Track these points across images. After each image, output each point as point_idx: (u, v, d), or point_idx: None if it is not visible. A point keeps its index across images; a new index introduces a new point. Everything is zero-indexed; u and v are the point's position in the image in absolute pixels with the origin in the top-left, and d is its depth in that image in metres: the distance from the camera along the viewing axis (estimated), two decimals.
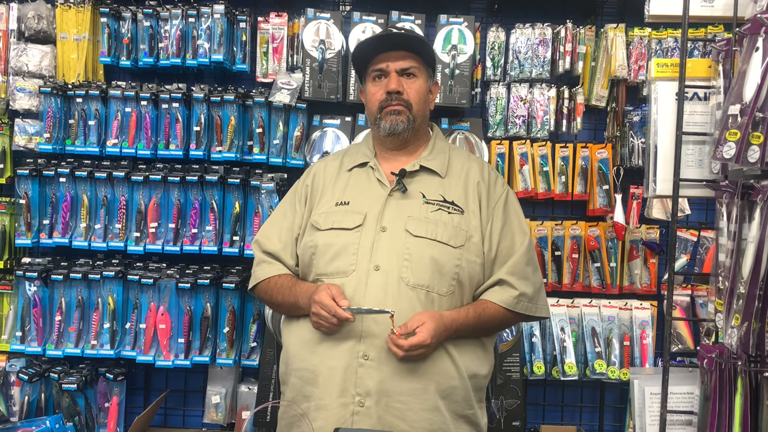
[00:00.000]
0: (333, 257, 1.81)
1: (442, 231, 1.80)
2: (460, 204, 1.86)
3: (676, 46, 2.81)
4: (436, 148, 1.96)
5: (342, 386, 1.73)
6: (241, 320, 2.80)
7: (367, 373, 1.71)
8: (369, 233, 1.80)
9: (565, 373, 2.74)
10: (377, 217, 1.82)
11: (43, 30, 2.90)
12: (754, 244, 1.46)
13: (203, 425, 2.90)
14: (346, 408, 1.72)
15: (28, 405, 2.73)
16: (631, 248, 2.88)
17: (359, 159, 1.97)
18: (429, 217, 1.82)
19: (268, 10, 2.92)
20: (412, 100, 1.89)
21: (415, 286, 1.75)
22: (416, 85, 1.90)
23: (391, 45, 1.90)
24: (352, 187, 1.92)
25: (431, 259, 1.77)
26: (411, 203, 1.85)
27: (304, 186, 1.99)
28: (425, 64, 1.94)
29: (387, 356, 1.71)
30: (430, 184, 1.89)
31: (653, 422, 1.91)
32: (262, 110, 2.81)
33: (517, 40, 2.85)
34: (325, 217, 1.87)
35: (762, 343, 1.47)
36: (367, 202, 1.86)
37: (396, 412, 1.71)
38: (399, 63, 1.89)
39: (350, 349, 1.73)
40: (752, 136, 1.47)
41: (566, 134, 2.89)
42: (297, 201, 1.98)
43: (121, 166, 2.83)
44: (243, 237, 2.80)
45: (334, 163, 2.00)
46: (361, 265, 1.77)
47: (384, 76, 1.90)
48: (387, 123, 1.88)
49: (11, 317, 2.81)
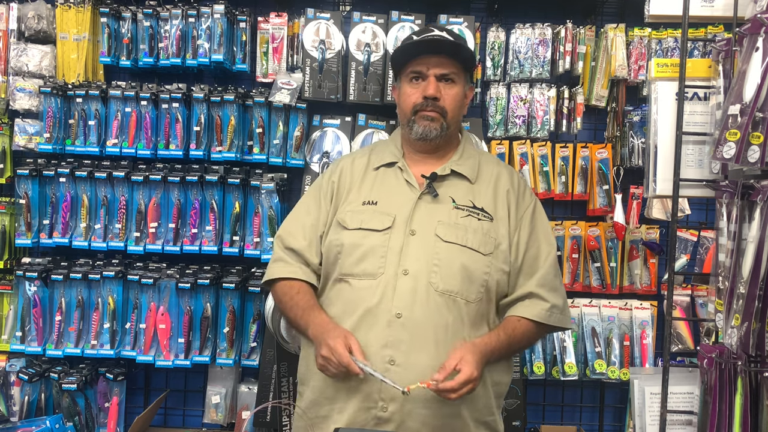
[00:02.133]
0: (360, 258, 1.77)
1: (472, 237, 1.77)
2: (489, 211, 1.83)
3: (676, 46, 2.81)
4: (466, 153, 1.93)
5: (366, 390, 1.70)
6: (241, 320, 2.80)
7: (392, 378, 1.67)
8: (398, 236, 1.77)
9: (565, 373, 2.74)
10: (406, 219, 1.79)
11: (43, 30, 2.90)
12: (754, 244, 1.46)
13: (203, 425, 2.90)
14: (368, 412, 1.69)
15: (28, 405, 2.73)
16: (631, 248, 2.88)
17: (387, 158, 1.92)
18: (459, 222, 1.79)
19: (268, 10, 2.92)
20: (447, 107, 1.84)
21: (443, 292, 1.72)
22: (453, 91, 1.86)
23: (433, 48, 1.85)
24: (379, 186, 1.88)
25: (461, 265, 1.74)
26: (441, 208, 1.81)
27: (330, 183, 1.93)
28: (464, 69, 1.90)
29: (413, 362, 1.68)
30: (460, 189, 1.86)
31: (653, 422, 1.91)
32: (262, 110, 2.81)
33: (517, 40, 2.85)
34: (352, 215, 1.83)
35: (762, 343, 1.47)
36: (396, 203, 1.82)
37: (419, 418, 1.68)
38: (439, 69, 1.84)
39: (377, 353, 1.69)
40: (752, 136, 1.47)
41: (566, 134, 2.89)
42: (322, 197, 1.92)
43: (121, 166, 2.83)
44: (243, 237, 2.80)
45: (361, 161, 1.95)
46: (389, 269, 1.74)
47: (422, 78, 1.85)
48: (420, 127, 1.84)
49: (11, 317, 2.81)
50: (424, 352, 1.69)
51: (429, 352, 1.69)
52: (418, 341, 1.69)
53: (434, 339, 1.70)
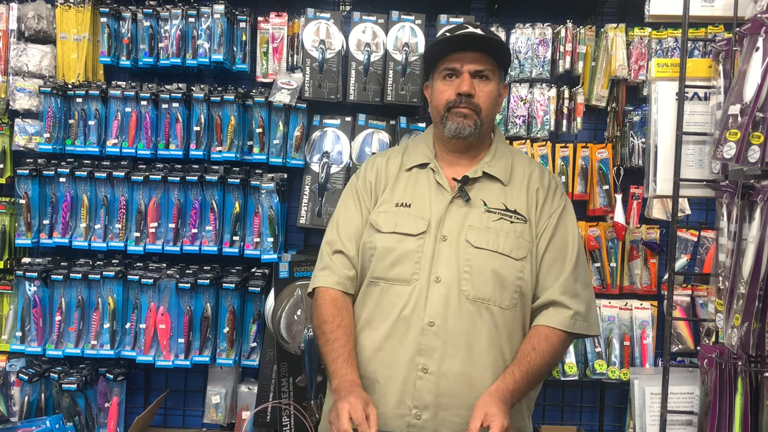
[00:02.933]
0: (394, 263, 1.74)
1: (504, 242, 1.73)
2: (522, 213, 1.79)
3: (676, 46, 2.81)
4: (498, 153, 1.88)
5: (399, 397, 1.69)
6: (241, 320, 2.80)
7: (425, 386, 1.67)
8: (430, 242, 1.74)
9: (565, 373, 2.74)
10: (438, 224, 1.76)
11: (43, 30, 2.90)
12: (754, 244, 1.46)
13: (203, 425, 2.90)
14: (402, 419, 1.68)
15: (28, 405, 2.73)
16: (632, 248, 2.88)
17: (419, 159, 1.88)
18: (490, 226, 1.75)
19: (268, 10, 2.92)
20: (482, 105, 1.80)
21: (475, 300, 1.70)
22: (488, 88, 1.82)
23: (468, 44, 1.80)
24: (412, 188, 1.84)
25: (492, 271, 1.71)
26: (472, 212, 1.77)
27: (368, 182, 1.89)
28: (499, 66, 1.86)
29: (446, 370, 1.67)
30: (492, 191, 1.81)
31: (653, 422, 1.91)
32: (262, 110, 2.81)
33: (517, 40, 2.85)
34: (386, 217, 1.80)
35: (762, 343, 1.47)
36: (429, 207, 1.79)
37: (452, 426, 1.67)
38: (473, 65, 1.80)
39: (410, 360, 1.68)
40: (752, 136, 1.47)
41: (566, 134, 2.89)
42: (364, 195, 1.88)
43: (121, 166, 2.83)
44: (243, 237, 2.79)
45: (395, 161, 1.91)
46: (422, 275, 1.71)
47: (456, 75, 1.81)
48: (453, 124, 1.79)
49: (11, 317, 2.81)
50: (456, 360, 1.68)
51: (462, 360, 1.68)
52: (451, 349, 1.68)
53: (467, 347, 1.68)
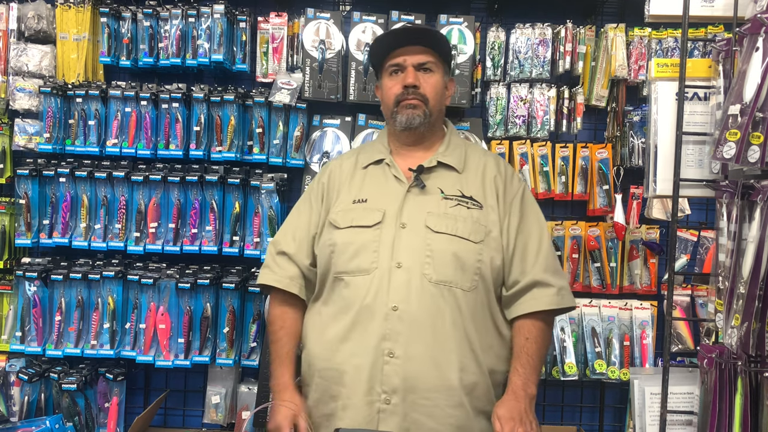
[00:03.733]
0: (353, 255, 1.80)
1: (462, 226, 1.79)
2: (478, 199, 1.85)
3: (676, 46, 2.81)
4: (452, 144, 1.96)
5: (368, 384, 1.72)
6: (241, 320, 2.80)
7: (393, 370, 1.71)
8: (389, 230, 1.79)
9: (565, 373, 2.74)
10: (396, 213, 1.81)
11: (43, 30, 2.90)
12: (754, 244, 1.46)
13: (203, 425, 2.90)
14: (372, 406, 1.72)
15: (28, 405, 2.73)
16: (631, 248, 2.88)
17: (375, 156, 1.96)
18: (448, 212, 1.81)
19: (268, 10, 2.92)
20: (428, 95, 1.88)
21: (438, 283, 1.75)
22: (433, 79, 1.90)
23: (408, 39, 1.89)
24: (368, 184, 1.91)
25: (453, 254, 1.76)
26: (430, 199, 1.84)
27: (320, 184, 1.98)
28: (442, 59, 1.94)
29: (412, 353, 1.71)
30: (448, 179, 1.88)
31: (653, 422, 1.91)
32: (262, 110, 2.81)
33: (517, 40, 2.85)
34: (343, 215, 1.86)
35: (762, 343, 1.47)
36: (386, 199, 1.85)
37: (422, 409, 1.71)
38: (416, 57, 1.88)
39: (375, 346, 1.72)
40: (752, 136, 1.47)
41: (566, 134, 2.89)
42: (313, 199, 1.97)
43: (121, 166, 2.83)
44: (243, 237, 2.79)
45: (349, 161, 1.99)
46: (382, 263, 1.76)
47: (401, 70, 1.89)
48: (403, 116, 1.87)
49: (11, 317, 2.81)
50: (421, 343, 1.72)
51: (427, 343, 1.72)
52: (416, 332, 1.72)
53: (432, 330, 1.73)
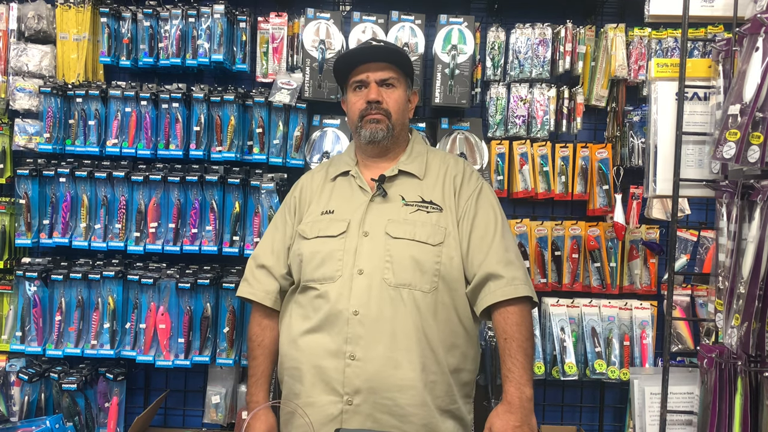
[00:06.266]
0: (319, 264, 1.88)
1: (421, 230, 1.86)
2: (438, 202, 1.92)
3: (676, 46, 2.81)
4: (414, 152, 2.03)
5: (329, 386, 1.79)
6: (241, 320, 2.80)
7: (353, 372, 1.77)
8: (352, 239, 1.87)
9: (565, 373, 2.74)
10: (359, 222, 1.89)
11: (43, 30, 2.90)
12: (754, 244, 1.46)
13: (203, 425, 2.90)
14: (334, 406, 1.78)
15: (28, 405, 2.73)
16: (631, 248, 2.88)
17: (342, 168, 2.05)
18: (408, 218, 1.88)
19: (268, 10, 2.92)
20: (391, 109, 1.96)
21: (397, 286, 1.80)
22: (395, 95, 1.99)
23: (370, 56, 1.97)
24: (336, 196, 2.00)
25: (411, 258, 1.83)
26: (391, 207, 1.91)
27: (293, 198, 2.08)
28: (404, 74, 2.03)
29: (372, 355, 1.77)
30: (409, 186, 1.96)
31: (653, 422, 1.91)
32: (262, 110, 2.81)
33: (517, 40, 2.85)
34: (311, 226, 1.95)
35: (762, 343, 1.47)
36: (351, 209, 1.93)
37: (384, 409, 1.76)
38: (378, 74, 1.97)
39: (338, 350, 1.79)
40: (752, 136, 1.47)
41: (566, 134, 2.89)
42: (287, 213, 2.07)
43: (121, 166, 2.83)
44: (243, 237, 2.79)
45: (319, 174, 2.09)
46: (345, 270, 1.83)
47: (364, 86, 1.98)
48: (367, 131, 1.96)
49: (11, 317, 2.81)
50: (381, 345, 1.77)
51: (386, 345, 1.77)
52: (376, 335, 1.78)
53: (391, 332, 1.78)
